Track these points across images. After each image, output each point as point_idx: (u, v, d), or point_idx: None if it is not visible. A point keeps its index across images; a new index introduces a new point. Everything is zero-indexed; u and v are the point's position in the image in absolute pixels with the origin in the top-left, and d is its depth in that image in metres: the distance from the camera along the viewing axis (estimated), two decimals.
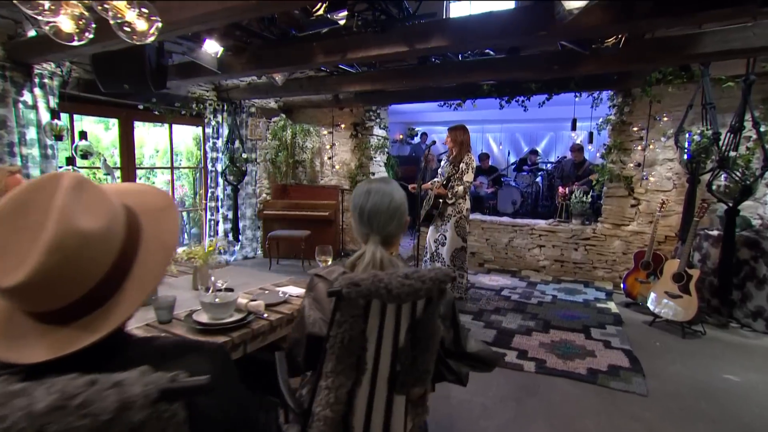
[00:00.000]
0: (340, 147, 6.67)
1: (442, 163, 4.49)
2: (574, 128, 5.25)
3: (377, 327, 1.22)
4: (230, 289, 2.17)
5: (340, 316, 1.17)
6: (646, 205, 4.83)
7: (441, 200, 4.31)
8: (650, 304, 3.84)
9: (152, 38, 1.51)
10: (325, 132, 6.63)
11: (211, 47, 3.70)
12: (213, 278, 1.97)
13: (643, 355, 3.26)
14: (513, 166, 8.72)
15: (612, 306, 4.39)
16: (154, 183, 6.86)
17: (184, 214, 6.69)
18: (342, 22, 2.74)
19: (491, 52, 4.14)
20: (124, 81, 3.98)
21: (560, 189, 6.12)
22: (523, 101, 5.16)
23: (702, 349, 3.43)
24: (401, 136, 10.42)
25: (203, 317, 1.74)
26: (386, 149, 6.80)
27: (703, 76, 3.71)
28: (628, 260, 4.93)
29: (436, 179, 4.45)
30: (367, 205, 1.34)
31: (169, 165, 5.69)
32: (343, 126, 6.56)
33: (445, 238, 4.32)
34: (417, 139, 10.23)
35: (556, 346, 3.41)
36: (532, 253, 5.56)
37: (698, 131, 3.84)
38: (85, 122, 7.28)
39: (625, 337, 3.61)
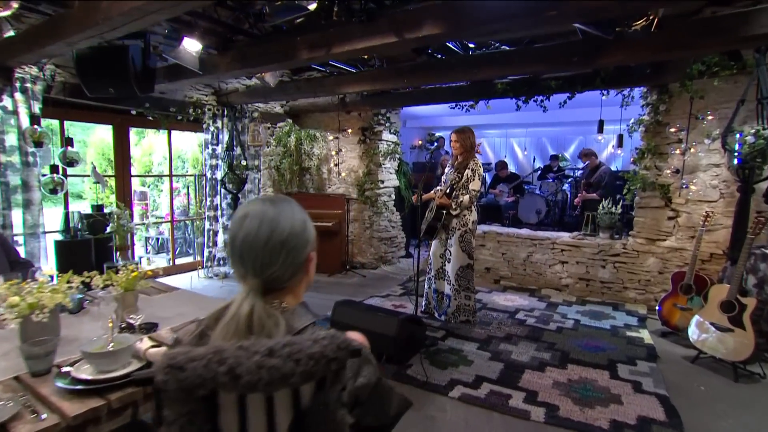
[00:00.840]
0: (348, 153, 6.29)
1: (446, 170, 4.01)
2: (600, 131, 4.63)
3: (238, 424, 0.78)
4: (152, 325, 1.78)
5: (167, 412, 0.74)
6: (687, 218, 4.16)
7: (444, 211, 3.83)
8: (692, 336, 3.19)
9: (8, 11, 1.14)
10: (331, 137, 6.26)
11: (191, 45, 3.39)
12: (114, 315, 1.58)
13: (684, 404, 2.65)
14: (538, 173, 8.08)
15: (645, 335, 3.74)
16: (161, 191, 6.69)
17: (189, 222, 6.44)
18: (312, 7, 2.34)
19: (506, 48, 3.66)
20: (109, 84, 3.74)
21: (578, 198, 5.53)
22: (542, 101, 4.61)
23: (761, 398, 2.77)
24: (420, 142, 9.94)
25: (87, 370, 1.34)
26: (397, 155, 6.36)
27: (758, 65, 3.07)
28: (665, 281, 4.26)
29: (438, 187, 3.97)
30: (238, 235, 0.91)
31: (170, 172, 5.46)
32: (350, 131, 6.17)
33: (450, 254, 3.83)
34: (437, 145, 9.72)
35: (574, 386, 2.84)
36: (554, 269, 4.96)
37: (752, 131, 3.19)
38: (99, 129, 7.25)
39: (661, 377, 2.99)
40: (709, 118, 3.94)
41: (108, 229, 4.19)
